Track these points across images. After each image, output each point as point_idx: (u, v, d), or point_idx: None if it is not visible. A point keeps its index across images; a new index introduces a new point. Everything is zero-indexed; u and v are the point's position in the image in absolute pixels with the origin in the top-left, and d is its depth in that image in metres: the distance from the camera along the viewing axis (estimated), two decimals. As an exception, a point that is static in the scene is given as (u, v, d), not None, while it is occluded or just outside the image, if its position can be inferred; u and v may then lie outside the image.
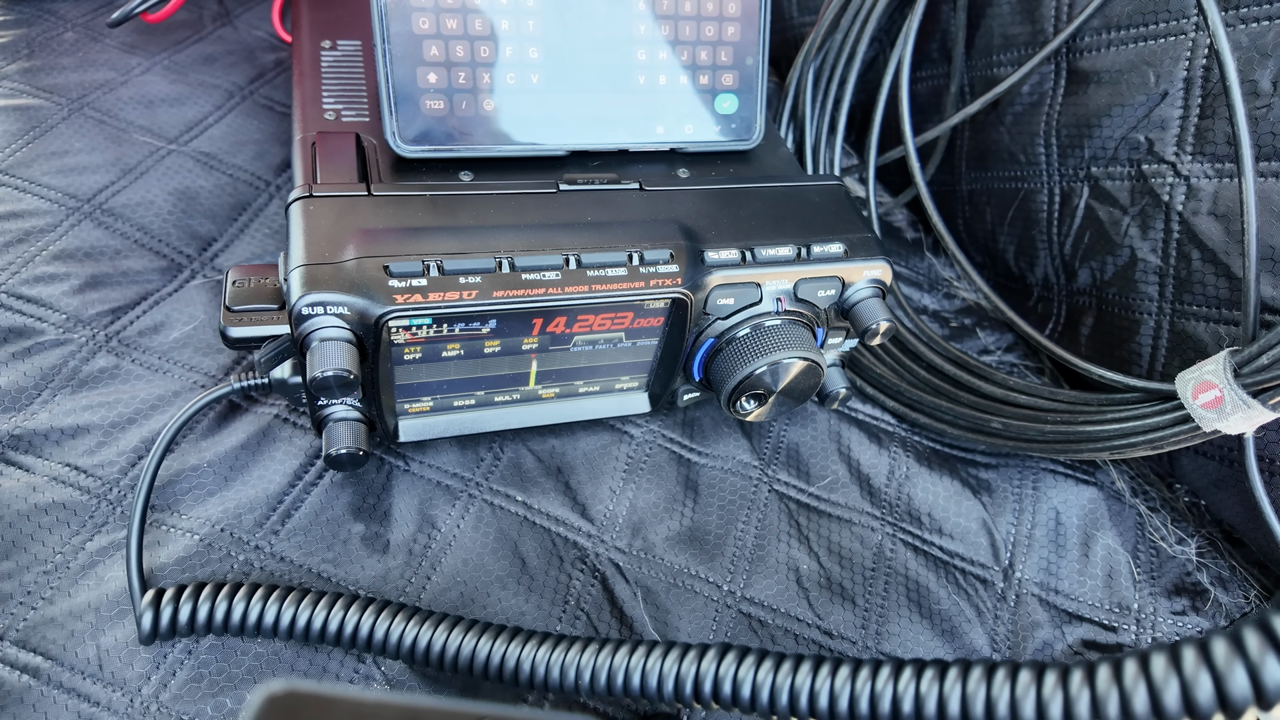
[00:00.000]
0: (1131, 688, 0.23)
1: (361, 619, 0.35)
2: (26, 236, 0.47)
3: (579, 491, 0.45)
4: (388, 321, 0.34)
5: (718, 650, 0.31)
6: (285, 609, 0.35)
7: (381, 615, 0.35)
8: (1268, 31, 0.43)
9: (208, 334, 0.46)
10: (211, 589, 0.35)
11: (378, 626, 0.35)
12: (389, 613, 0.35)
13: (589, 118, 0.43)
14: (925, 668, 0.28)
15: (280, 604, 0.35)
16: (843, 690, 0.28)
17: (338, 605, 0.35)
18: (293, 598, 0.35)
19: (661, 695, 0.32)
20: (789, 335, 0.40)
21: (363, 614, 0.35)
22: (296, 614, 0.35)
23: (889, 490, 0.49)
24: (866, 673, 0.29)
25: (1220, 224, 0.46)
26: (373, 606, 0.35)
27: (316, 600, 0.35)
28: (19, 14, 0.59)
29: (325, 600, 0.35)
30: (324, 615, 0.35)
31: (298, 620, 0.35)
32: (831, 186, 0.45)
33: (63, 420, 0.41)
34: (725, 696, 0.31)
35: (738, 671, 0.31)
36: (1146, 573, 0.49)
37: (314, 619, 0.35)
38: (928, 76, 0.63)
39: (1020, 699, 0.25)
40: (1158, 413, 0.43)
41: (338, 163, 0.40)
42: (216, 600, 0.35)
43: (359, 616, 0.35)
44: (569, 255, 0.37)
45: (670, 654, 0.32)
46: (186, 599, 0.35)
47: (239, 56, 0.61)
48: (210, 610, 0.35)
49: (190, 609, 0.35)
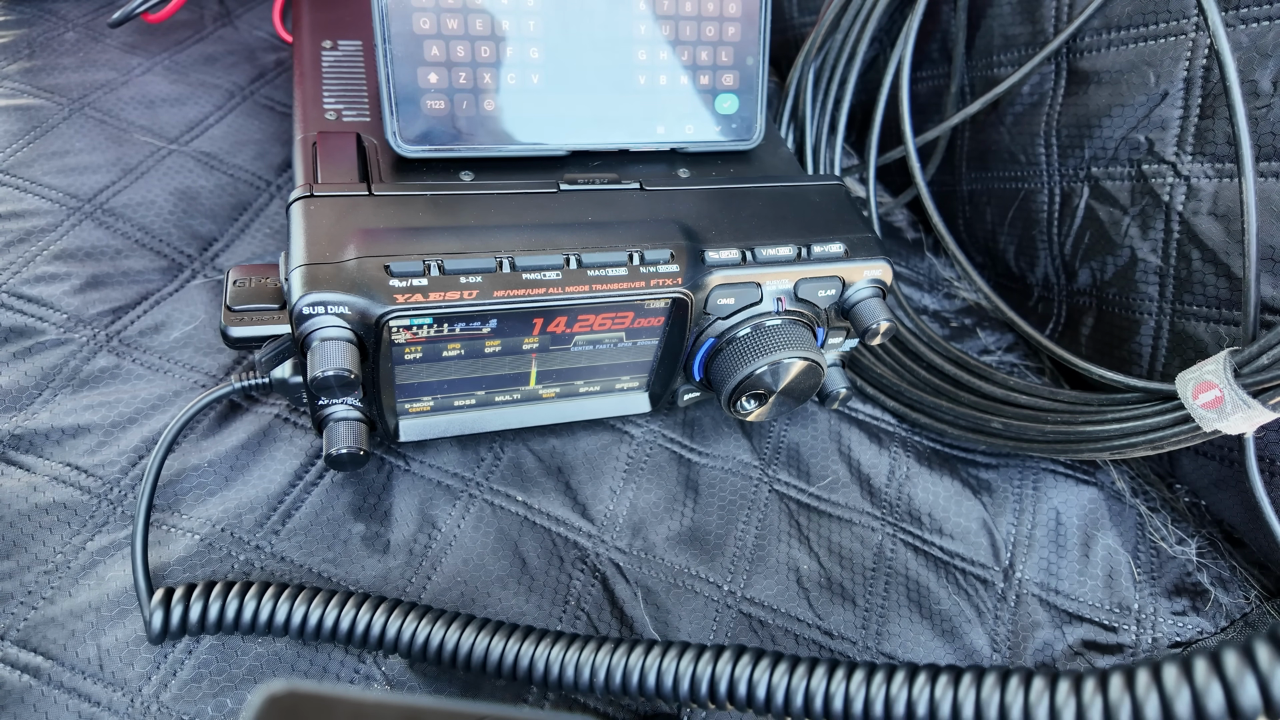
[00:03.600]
0: (1144, 697, 0.23)
1: (373, 617, 0.35)
2: (27, 236, 0.47)
3: (579, 491, 0.45)
4: (388, 321, 0.34)
5: (717, 651, 0.31)
6: (296, 607, 0.35)
7: (394, 613, 0.35)
8: (1268, 32, 0.43)
9: (208, 334, 0.46)
10: (221, 588, 0.35)
11: (389, 625, 0.35)
12: (400, 611, 0.35)
13: (590, 118, 0.43)
14: (940, 673, 0.28)
15: (291, 602, 0.35)
16: (857, 695, 0.29)
17: (349, 604, 0.35)
18: (303, 596, 0.35)
19: (662, 694, 0.32)
20: (789, 335, 0.40)
21: (374, 612, 0.35)
22: (308, 612, 0.35)
23: (889, 490, 0.49)
24: (881, 677, 0.29)
25: (1220, 224, 0.46)
26: (384, 605, 0.35)
27: (327, 599, 0.35)
28: (20, 14, 0.59)
29: (336, 599, 0.35)
30: (335, 613, 0.35)
31: (308, 618, 0.35)
32: (832, 186, 0.45)
33: (63, 420, 0.41)
34: (726, 696, 0.31)
35: (740, 671, 0.31)
36: (1147, 573, 0.49)
37: (325, 617, 0.35)
38: (928, 76, 0.63)
39: (1034, 706, 0.25)
40: (1158, 413, 0.43)
41: (338, 162, 0.40)
42: (227, 599, 0.35)
43: (370, 615, 0.35)
44: (569, 255, 0.37)
45: (670, 653, 0.32)
46: (197, 598, 0.35)
47: (240, 56, 0.61)
48: (221, 609, 0.35)
49: (201, 608, 0.35)
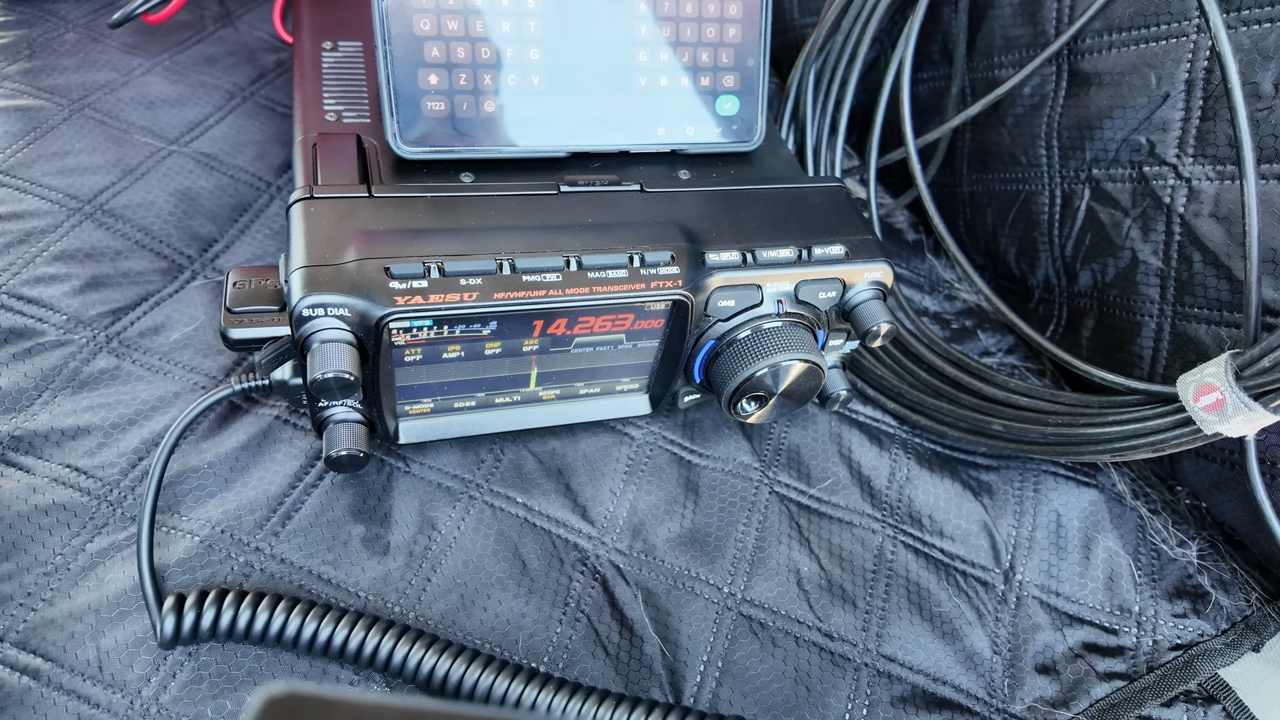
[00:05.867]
0: None
1: (381, 641, 0.35)
2: (27, 237, 0.47)
3: (579, 493, 0.45)
4: (388, 323, 0.34)
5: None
6: (307, 625, 0.35)
7: (402, 639, 0.35)
8: (1269, 33, 0.43)
9: (208, 335, 0.46)
10: (234, 597, 0.35)
11: (397, 651, 0.35)
12: (423, 643, 0.36)
13: (590, 119, 0.43)
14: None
15: (302, 619, 0.35)
16: None
17: (358, 626, 0.35)
18: (314, 614, 0.35)
19: None
20: (790, 337, 0.40)
21: (382, 636, 0.35)
22: (334, 632, 0.35)
23: (890, 492, 0.49)
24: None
25: (1222, 226, 0.46)
26: (393, 630, 0.36)
27: (338, 618, 0.36)
28: (20, 14, 0.59)
29: (347, 619, 0.36)
30: (345, 633, 0.35)
31: (318, 637, 0.35)
32: (832, 188, 0.45)
33: (63, 421, 0.41)
34: None
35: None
36: (1148, 575, 0.49)
37: (335, 636, 0.35)
38: (929, 78, 0.63)
39: None
40: (1159, 415, 0.43)
41: (338, 164, 0.40)
42: (240, 609, 0.35)
43: (379, 639, 0.35)
44: (570, 257, 0.37)
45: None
46: (210, 605, 0.35)
47: (240, 57, 0.61)
48: (233, 618, 0.35)
49: (214, 615, 0.35)
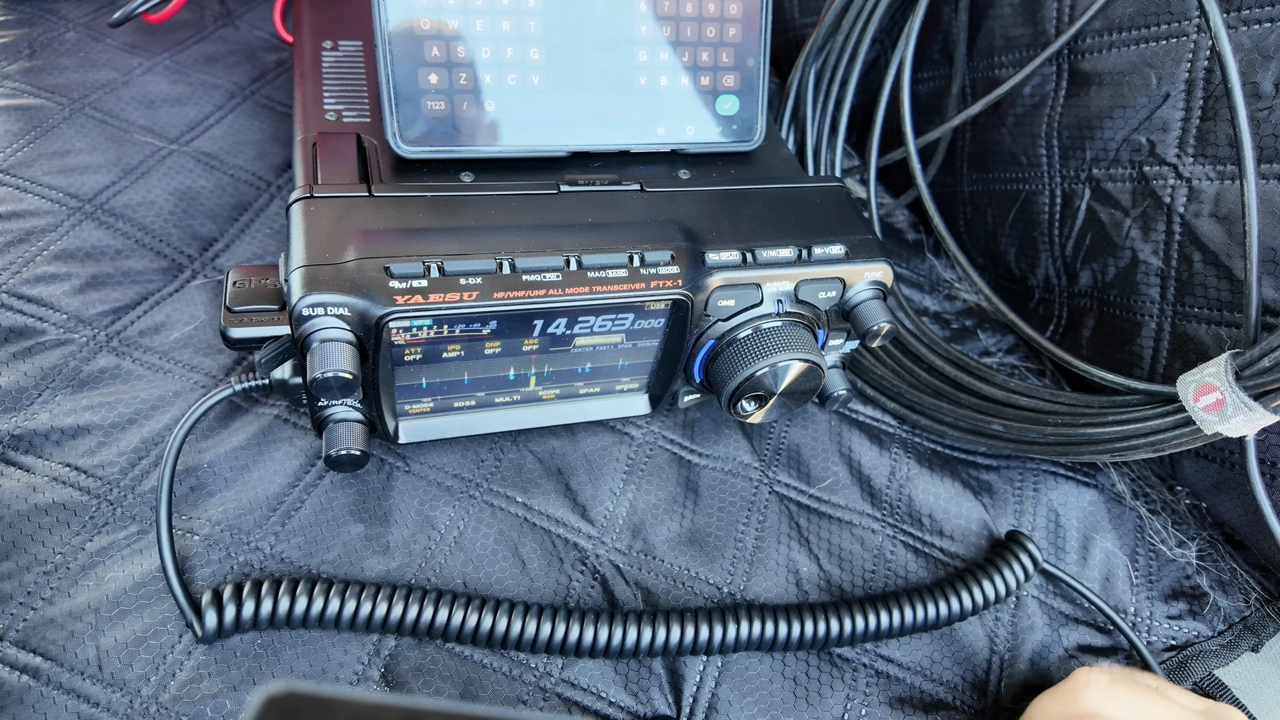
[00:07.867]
0: None
1: (421, 608, 0.37)
2: (28, 236, 0.47)
3: (579, 493, 0.45)
4: (388, 322, 0.34)
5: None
6: (348, 601, 0.37)
7: (442, 604, 0.37)
8: (1270, 33, 0.43)
9: (208, 334, 0.46)
10: (270, 584, 0.36)
11: (422, 613, 0.37)
12: (445, 601, 0.37)
13: (590, 119, 0.43)
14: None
15: (341, 598, 0.37)
16: None
17: (381, 594, 0.37)
18: (351, 592, 0.37)
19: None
20: (790, 337, 0.40)
21: (421, 603, 0.37)
22: (374, 607, 0.37)
23: (890, 492, 0.49)
24: None
25: (1222, 226, 0.46)
26: (429, 596, 0.38)
27: (375, 593, 0.37)
28: (20, 14, 0.59)
29: (383, 593, 0.37)
30: (385, 606, 0.37)
31: (344, 611, 0.36)
32: (832, 188, 0.45)
33: (63, 420, 0.41)
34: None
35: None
36: (1145, 576, 0.49)
37: (375, 610, 0.37)
38: (929, 78, 0.63)
39: None
40: (1159, 415, 0.43)
41: (338, 163, 0.40)
42: (279, 595, 0.36)
43: (419, 606, 0.37)
44: (570, 256, 0.37)
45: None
46: (248, 595, 0.36)
47: (240, 57, 0.61)
48: (274, 606, 0.36)
49: (253, 605, 0.36)
